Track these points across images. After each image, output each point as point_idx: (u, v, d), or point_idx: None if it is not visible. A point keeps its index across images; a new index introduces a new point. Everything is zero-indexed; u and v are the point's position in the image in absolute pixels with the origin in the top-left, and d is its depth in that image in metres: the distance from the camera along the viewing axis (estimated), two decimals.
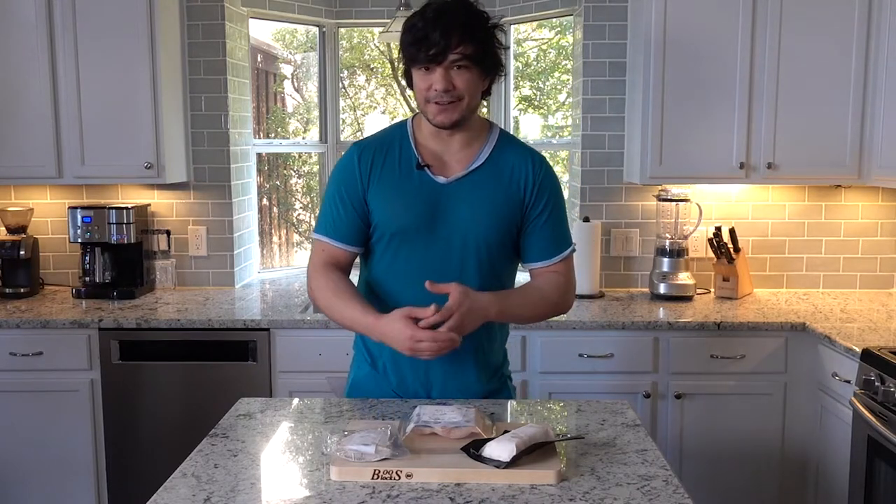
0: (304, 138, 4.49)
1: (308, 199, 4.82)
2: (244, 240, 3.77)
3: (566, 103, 4.23)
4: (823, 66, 3.13)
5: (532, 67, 4.50)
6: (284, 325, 3.00)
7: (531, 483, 1.45)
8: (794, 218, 3.54)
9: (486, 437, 1.58)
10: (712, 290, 3.50)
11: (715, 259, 3.43)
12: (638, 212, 3.54)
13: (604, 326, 2.97)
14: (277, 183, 4.68)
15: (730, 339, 2.95)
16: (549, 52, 4.52)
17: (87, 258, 3.44)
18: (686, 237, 3.41)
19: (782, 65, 3.12)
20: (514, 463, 1.47)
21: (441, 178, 1.86)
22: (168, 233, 3.58)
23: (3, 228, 3.47)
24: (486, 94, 1.88)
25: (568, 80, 4.15)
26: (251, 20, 3.79)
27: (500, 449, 1.49)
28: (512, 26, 3.90)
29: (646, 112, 3.19)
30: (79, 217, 3.38)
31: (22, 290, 3.41)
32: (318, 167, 4.26)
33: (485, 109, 3.95)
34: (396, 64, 4.84)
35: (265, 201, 4.39)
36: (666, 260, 3.37)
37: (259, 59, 4.27)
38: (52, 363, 3.02)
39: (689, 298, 3.33)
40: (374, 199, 1.87)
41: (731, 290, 3.37)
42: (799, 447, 2.97)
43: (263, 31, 4.23)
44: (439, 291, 1.73)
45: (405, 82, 1.89)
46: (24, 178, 3.37)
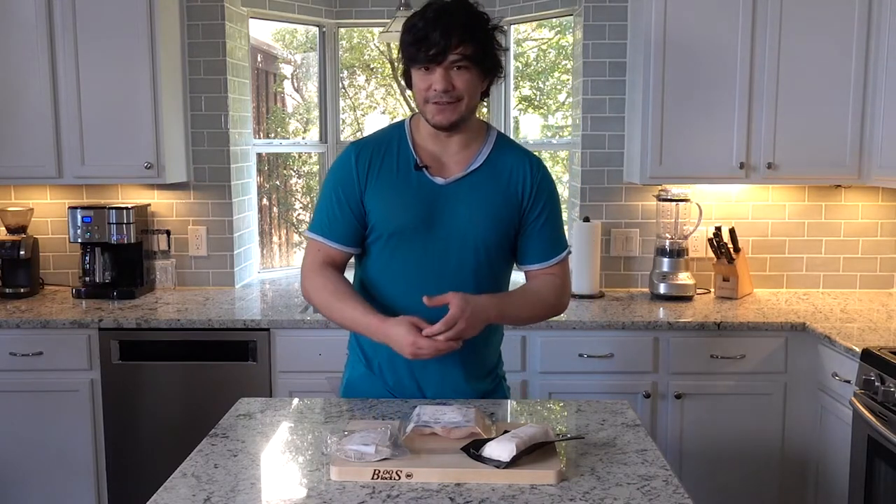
0: (304, 138, 4.49)
1: (308, 199, 4.82)
2: (244, 240, 3.77)
3: (566, 103, 4.23)
4: (823, 66, 3.13)
5: (532, 67, 4.50)
6: (284, 325, 3.00)
7: (531, 483, 1.45)
8: (794, 218, 3.54)
9: (486, 437, 1.58)
10: (712, 290, 3.50)
11: (715, 259, 3.43)
12: (638, 212, 3.55)
13: (604, 326, 2.97)
14: (277, 183, 4.68)
15: (730, 339, 2.95)
16: (549, 52, 4.52)
17: (87, 258, 3.45)
18: (686, 237, 3.41)
19: (782, 65, 3.12)
20: (514, 463, 1.47)
21: (439, 179, 1.85)
22: (168, 233, 3.58)
23: (3, 228, 3.47)
24: (484, 95, 1.88)
25: (568, 80, 4.15)
26: (251, 20, 3.79)
27: (500, 449, 1.49)
28: (512, 26, 3.90)
29: (646, 112, 3.19)
30: (79, 217, 3.38)
31: (22, 290, 3.41)
32: (318, 167, 4.26)
33: (485, 109, 3.95)
34: (396, 64, 4.84)
35: (265, 201, 4.39)
36: (666, 260, 3.37)
37: (259, 59, 4.27)
38: (52, 363, 3.02)
39: (689, 298, 3.33)
40: (372, 199, 1.86)
41: (731, 290, 3.37)
42: (799, 447, 2.97)
43: (263, 31, 4.23)
44: (438, 304, 1.72)
45: (404, 82, 1.89)
46: (24, 178, 3.37)
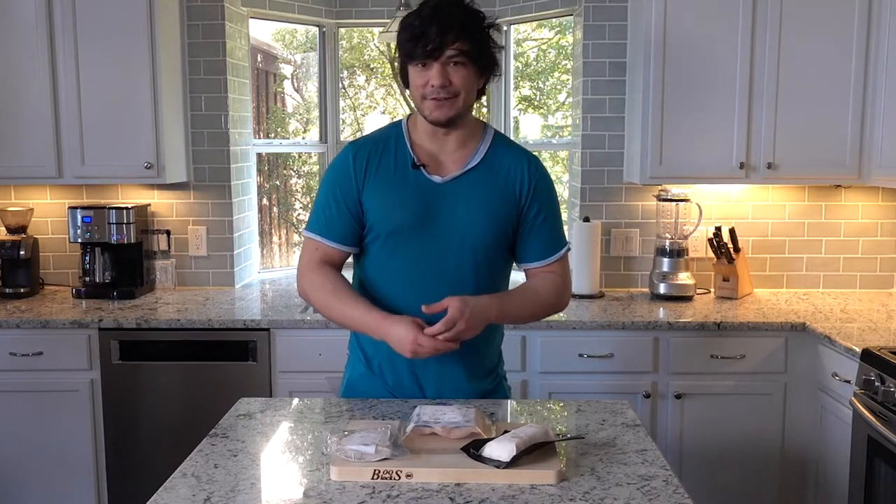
0: (303, 138, 4.49)
1: (308, 199, 4.82)
2: (244, 240, 3.77)
3: (566, 103, 4.23)
4: (823, 66, 3.13)
5: (532, 67, 4.50)
6: (284, 325, 3.00)
7: (531, 483, 1.45)
8: (794, 218, 3.54)
9: (486, 437, 1.58)
10: (712, 290, 3.50)
11: (715, 259, 3.43)
12: (638, 212, 3.55)
13: (604, 326, 2.97)
14: (277, 183, 4.68)
15: (730, 339, 2.95)
16: (549, 52, 4.52)
17: (87, 258, 3.44)
18: (686, 237, 3.41)
19: (782, 65, 3.12)
20: (514, 463, 1.47)
21: (436, 178, 1.86)
22: (168, 233, 3.58)
23: (3, 228, 3.47)
24: (480, 93, 1.89)
25: (568, 80, 4.15)
26: (251, 20, 3.79)
27: (500, 449, 1.49)
28: (512, 26, 3.90)
29: (646, 112, 3.19)
30: (79, 217, 3.38)
31: (22, 290, 3.41)
32: (317, 167, 4.26)
33: (485, 109, 3.95)
34: (395, 64, 4.83)
35: (265, 201, 4.39)
36: (666, 260, 3.37)
37: (259, 59, 4.27)
38: (52, 363, 3.02)
39: (689, 298, 3.33)
40: (369, 198, 1.86)
41: (731, 290, 3.37)
42: (799, 447, 2.97)
43: (263, 31, 4.22)
44: (436, 311, 1.73)
45: (401, 81, 1.90)
46: (24, 178, 3.37)
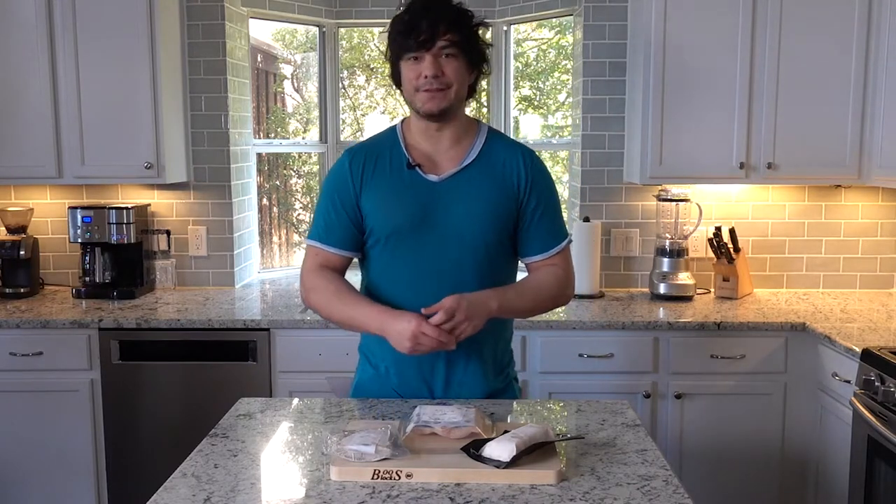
0: (304, 138, 4.49)
1: (308, 199, 4.81)
2: (244, 240, 3.77)
3: (566, 103, 4.22)
4: (823, 66, 3.13)
5: (532, 67, 4.49)
6: (284, 325, 3.00)
7: (531, 483, 1.45)
8: (794, 218, 3.54)
9: (486, 437, 1.58)
10: (712, 290, 3.50)
11: (715, 259, 3.43)
12: (638, 212, 3.54)
13: (604, 326, 2.97)
14: (277, 183, 4.67)
15: (730, 339, 2.95)
16: (549, 52, 4.51)
17: (87, 258, 3.44)
18: (686, 237, 3.41)
19: (782, 65, 3.12)
20: (514, 463, 1.47)
21: (432, 177, 1.87)
22: (168, 233, 3.58)
23: (3, 228, 3.47)
24: (472, 91, 1.90)
25: (568, 80, 4.15)
26: (251, 20, 3.79)
27: (500, 449, 1.49)
28: (512, 26, 3.90)
29: (646, 112, 3.18)
30: (79, 217, 3.38)
31: (22, 290, 3.41)
32: (318, 167, 4.26)
33: (485, 110, 3.95)
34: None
35: (265, 201, 4.38)
36: (666, 260, 3.37)
37: (259, 59, 4.26)
38: (52, 363, 3.02)
39: (689, 298, 3.33)
40: (367, 202, 1.88)
41: (731, 290, 3.37)
42: (799, 447, 2.97)
43: (263, 31, 4.22)
44: (435, 311, 1.74)
45: (393, 81, 1.91)
46: (24, 178, 3.37)
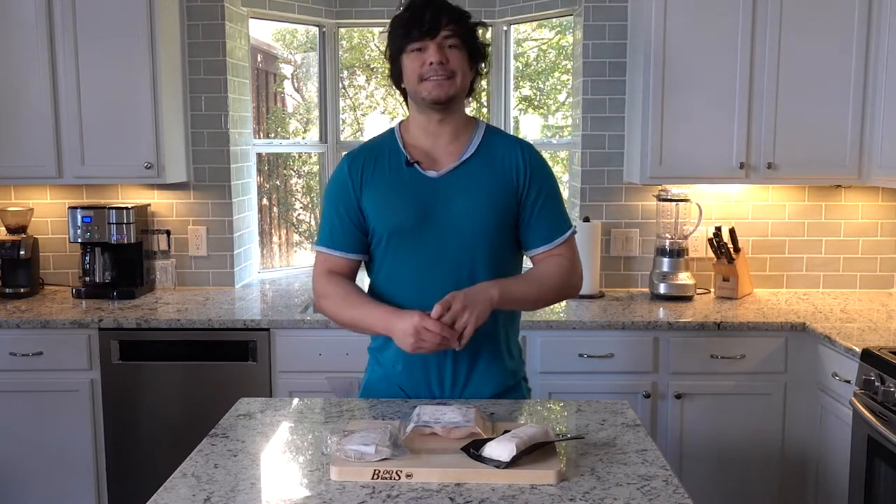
0: (304, 138, 4.49)
1: (308, 199, 4.81)
2: (244, 240, 3.77)
3: (566, 103, 4.22)
4: (823, 66, 3.13)
5: (532, 67, 4.49)
6: (284, 325, 3.00)
7: (531, 483, 1.45)
8: (794, 218, 3.54)
9: (486, 437, 1.58)
10: (712, 290, 3.50)
11: (715, 259, 3.43)
12: (638, 212, 3.54)
13: (604, 326, 2.97)
14: (277, 183, 4.67)
15: (730, 339, 2.95)
16: (549, 52, 4.51)
17: (87, 258, 3.44)
18: (686, 237, 3.41)
19: (782, 65, 3.12)
20: (514, 463, 1.47)
21: (432, 173, 1.87)
22: (168, 233, 3.58)
23: (3, 228, 3.47)
24: (470, 90, 1.92)
25: (568, 80, 4.15)
26: (251, 20, 3.79)
27: (500, 449, 1.49)
28: (512, 26, 3.90)
29: (646, 112, 3.19)
30: (79, 217, 3.38)
31: (22, 290, 3.41)
32: (318, 167, 4.26)
33: (485, 110, 3.95)
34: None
35: (265, 201, 4.38)
36: (666, 260, 3.37)
37: (259, 59, 4.26)
38: (52, 363, 3.02)
39: (689, 298, 3.33)
40: (368, 202, 1.88)
41: (731, 290, 3.37)
42: (799, 447, 2.97)
43: (263, 31, 4.22)
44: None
45: (393, 81, 1.92)
46: (24, 178, 3.37)
